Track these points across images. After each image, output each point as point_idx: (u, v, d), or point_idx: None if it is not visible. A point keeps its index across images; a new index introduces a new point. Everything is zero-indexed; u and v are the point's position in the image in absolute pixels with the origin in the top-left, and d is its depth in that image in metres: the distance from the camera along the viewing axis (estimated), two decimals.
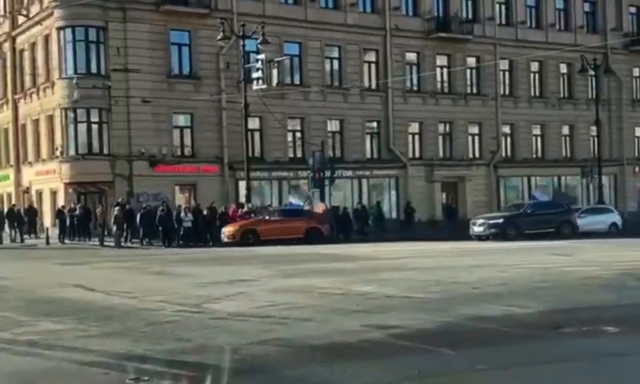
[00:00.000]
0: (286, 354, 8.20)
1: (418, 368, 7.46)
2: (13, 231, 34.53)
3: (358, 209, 36.80)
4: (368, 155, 41.41)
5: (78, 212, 33.28)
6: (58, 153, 35.76)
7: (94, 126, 35.40)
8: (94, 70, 35.15)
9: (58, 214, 33.53)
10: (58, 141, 35.83)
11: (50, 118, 37.08)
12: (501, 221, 33.03)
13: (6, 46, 41.62)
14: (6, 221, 35.17)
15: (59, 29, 35.29)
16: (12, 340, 9.13)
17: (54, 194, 36.88)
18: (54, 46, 36.09)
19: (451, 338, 8.98)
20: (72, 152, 35.11)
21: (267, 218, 31.84)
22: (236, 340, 8.89)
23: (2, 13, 42.14)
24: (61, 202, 35.24)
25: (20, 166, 40.67)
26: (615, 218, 37.65)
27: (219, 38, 32.55)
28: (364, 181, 41.10)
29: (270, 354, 8.16)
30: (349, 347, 8.52)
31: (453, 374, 7.41)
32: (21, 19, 39.72)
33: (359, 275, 16.50)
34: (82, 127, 35.39)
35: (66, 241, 32.75)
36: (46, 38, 37.14)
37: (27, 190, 39.70)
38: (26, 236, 34.50)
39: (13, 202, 39.14)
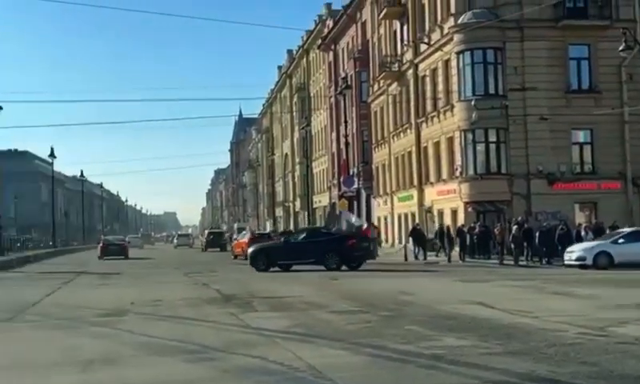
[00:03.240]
0: None
1: None
2: (416, 248, 36.26)
3: None
4: None
5: (477, 230, 33.89)
6: (457, 173, 36.84)
7: (492, 146, 35.87)
8: (491, 90, 35.67)
9: (459, 233, 34.39)
10: (458, 161, 36.91)
11: (450, 140, 38.38)
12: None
13: (410, 73, 44.09)
14: (410, 239, 37.09)
15: (458, 53, 36.43)
16: (417, 353, 9.51)
17: (454, 212, 38.02)
18: (452, 70, 37.37)
19: None
20: (471, 172, 35.92)
21: None
22: None
23: (406, 42, 44.77)
24: (461, 220, 36.19)
25: (422, 187, 42.68)
26: None
27: (621, 48, 30.98)
28: None
29: None
30: None
31: None
32: (422, 47, 41.82)
33: None
34: (481, 147, 36.07)
35: (466, 259, 33.50)
36: (446, 63, 38.60)
37: (429, 210, 41.48)
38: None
39: (416, 220, 41.19)
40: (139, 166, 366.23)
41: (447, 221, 38.71)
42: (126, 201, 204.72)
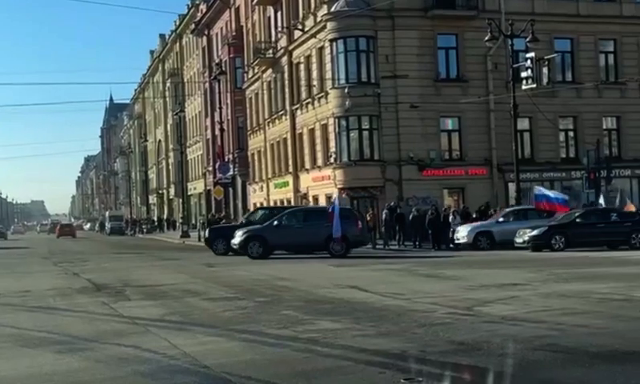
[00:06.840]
0: (562, 360, 7.89)
1: None
2: None
3: None
4: None
5: None
6: (331, 159, 37.29)
7: (365, 133, 36.48)
8: (364, 78, 36.23)
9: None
10: (332, 148, 37.35)
11: (324, 127, 38.78)
12: None
13: (284, 59, 44.20)
14: None
15: (331, 40, 36.79)
16: (294, 337, 9.62)
17: (329, 198, 38.43)
18: (326, 58, 37.74)
19: None
20: (345, 158, 36.42)
21: None
22: (509, 344, 8.73)
23: (280, 29, 44.82)
24: None
25: (298, 173, 42.96)
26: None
27: (487, 39, 32.15)
28: None
29: (546, 359, 7.89)
30: (633, 355, 8.01)
31: None
32: (296, 34, 42.01)
33: None
34: (354, 134, 36.62)
35: None
36: (320, 51, 38.93)
37: (305, 196, 41.82)
38: None
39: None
40: (5, 153, 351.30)
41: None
42: None
